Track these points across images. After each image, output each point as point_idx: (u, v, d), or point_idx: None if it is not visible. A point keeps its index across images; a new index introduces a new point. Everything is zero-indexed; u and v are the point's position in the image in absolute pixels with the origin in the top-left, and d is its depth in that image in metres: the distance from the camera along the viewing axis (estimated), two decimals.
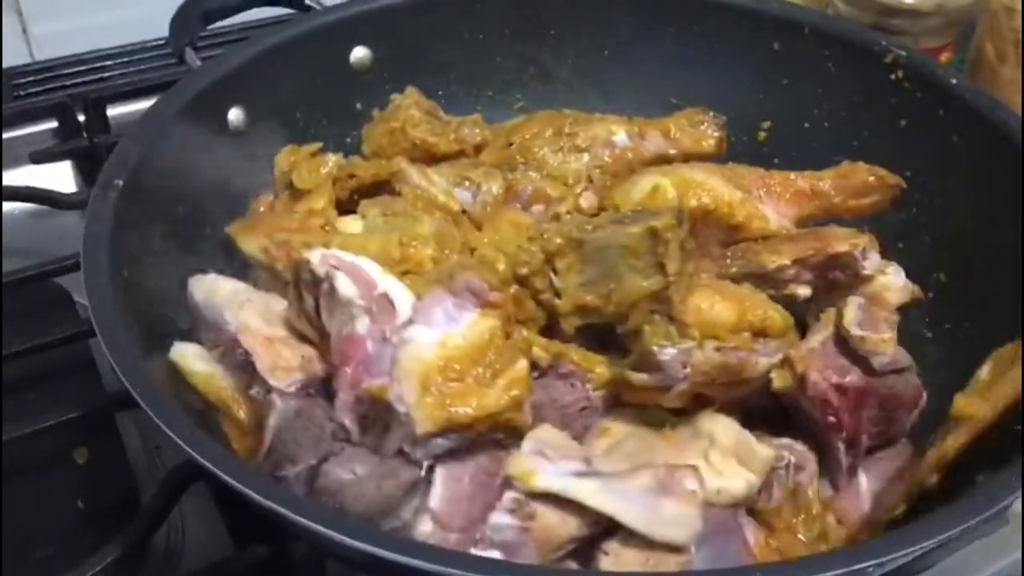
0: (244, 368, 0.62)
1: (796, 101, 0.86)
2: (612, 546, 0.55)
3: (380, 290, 0.60)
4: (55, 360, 0.78)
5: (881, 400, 0.64)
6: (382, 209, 0.74)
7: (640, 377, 0.59)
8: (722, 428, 0.62)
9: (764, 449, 0.62)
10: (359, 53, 0.88)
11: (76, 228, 0.66)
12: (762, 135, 0.89)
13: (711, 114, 0.84)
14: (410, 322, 0.59)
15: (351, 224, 0.74)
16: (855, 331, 0.63)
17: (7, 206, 0.95)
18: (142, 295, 0.66)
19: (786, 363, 0.64)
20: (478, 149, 0.84)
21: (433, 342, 0.57)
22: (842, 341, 0.64)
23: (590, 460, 0.57)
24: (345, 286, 0.60)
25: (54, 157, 1.02)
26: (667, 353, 0.58)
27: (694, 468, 0.57)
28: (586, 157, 0.81)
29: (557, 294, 0.65)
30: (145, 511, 0.66)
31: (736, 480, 0.60)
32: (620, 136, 0.82)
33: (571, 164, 0.81)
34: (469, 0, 0.91)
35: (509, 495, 0.56)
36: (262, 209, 0.80)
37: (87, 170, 1.02)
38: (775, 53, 0.87)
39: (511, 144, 0.82)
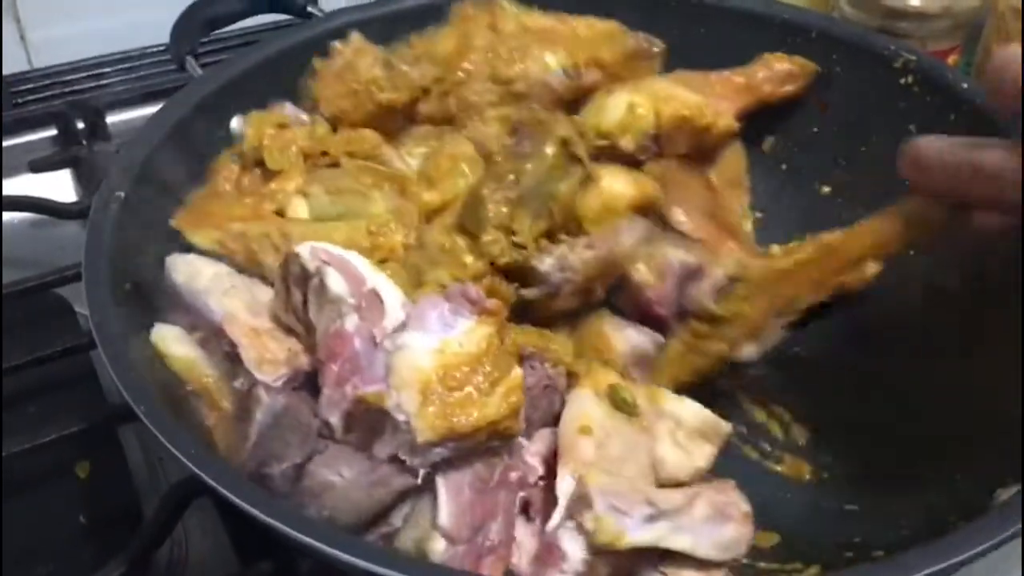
0: (228, 358, 0.61)
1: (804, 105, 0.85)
2: (670, 568, 0.57)
3: (369, 286, 0.60)
4: (56, 372, 0.78)
5: (661, 329, 0.72)
6: (325, 187, 0.72)
7: (531, 292, 0.66)
8: (686, 409, 0.66)
9: (723, 425, 0.67)
10: None
11: (76, 237, 0.66)
12: (767, 143, 0.88)
13: (645, 39, 0.83)
14: (404, 327, 0.58)
15: (297, 206, 0.72)
16: (707, 289, 0.68)
17: (6, 215, 0.94)
18: (145, 307, 0.65)
19: (648, 257, 0.71)
20: (426, 91, 0.81)
21: (430, 349, 0.56)
22: (691, 280, 0.69)
23: (650, 498, 0.57)
24: (336, 283, 0.59)
25: (53, 165, 1.01)
26: (545, 263, 0.66)
27: (735, 487, 0.60)
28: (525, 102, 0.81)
29: (522, 247, 0.66)
30: (148, 526, 0.65)
31: (701, 458, 0.65)
32: (557, 72, 0.81)
33: (511, 110, 0.79)
34: None
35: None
36: (225, 182, 0.75)
37: (87, 178, 1.01)
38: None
39: (447, 93, 0.80)
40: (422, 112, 0.81)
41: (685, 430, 0.65)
